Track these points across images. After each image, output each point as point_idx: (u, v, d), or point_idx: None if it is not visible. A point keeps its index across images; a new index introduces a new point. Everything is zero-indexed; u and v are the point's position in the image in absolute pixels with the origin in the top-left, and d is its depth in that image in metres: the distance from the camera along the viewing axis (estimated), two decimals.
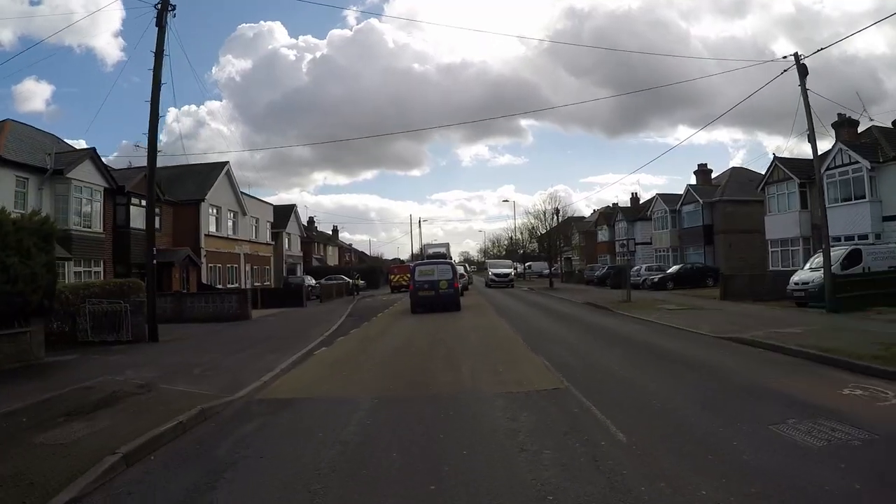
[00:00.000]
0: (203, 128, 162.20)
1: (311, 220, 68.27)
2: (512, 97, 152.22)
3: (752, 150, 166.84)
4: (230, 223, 37.71)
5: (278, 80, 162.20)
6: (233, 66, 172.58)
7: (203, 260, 33.19)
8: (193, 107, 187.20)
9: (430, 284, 24.32)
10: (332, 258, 68.99)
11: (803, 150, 43.08)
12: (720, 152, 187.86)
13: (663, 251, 45.41)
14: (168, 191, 33.81)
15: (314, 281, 40.62)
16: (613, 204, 64.83)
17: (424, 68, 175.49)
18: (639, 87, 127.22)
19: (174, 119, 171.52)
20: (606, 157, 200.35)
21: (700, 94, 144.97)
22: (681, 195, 45.42)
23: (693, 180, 44.99)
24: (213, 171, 35.83)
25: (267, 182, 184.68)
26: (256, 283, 40.57)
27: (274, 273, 44.75)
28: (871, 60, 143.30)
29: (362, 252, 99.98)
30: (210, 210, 34.53)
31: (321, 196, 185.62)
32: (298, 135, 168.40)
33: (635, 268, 39.55)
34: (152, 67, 16.08)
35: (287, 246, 49.91)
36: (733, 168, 44.64)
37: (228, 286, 35.63)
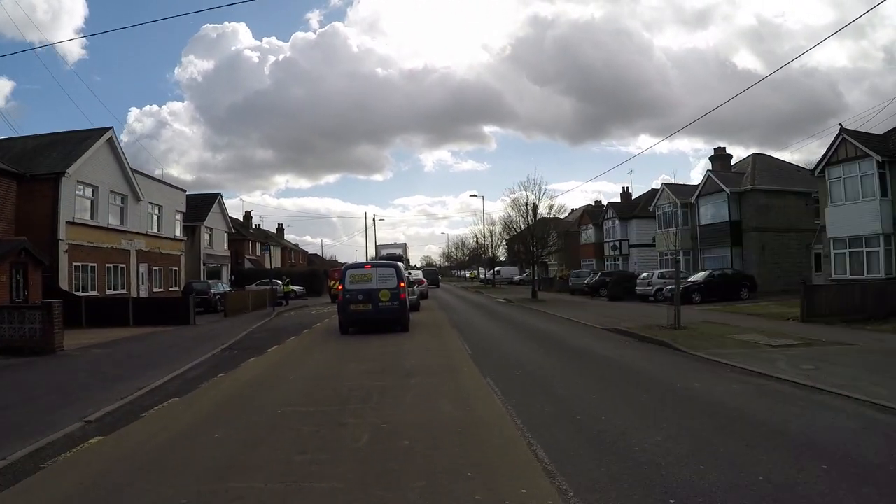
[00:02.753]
0: (164, 128, 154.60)
1: (247, 216, 59.16)
2: (475, 102, 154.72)
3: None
4: (115, 209, 28.51)
5: (241, 82, 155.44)
6: (195, 66, 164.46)
7: (64, 256, 24.02)
8: (155, 107, 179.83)
9: (365, 295, 16.71)
10: (274, 259, 59.65)
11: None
12: (682, 161, 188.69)
13: (671, 255, 37.48)
14: (30, 164, 24.77)
15: (226, 287, 31.54)
16: (596, 201, 57.15)
17: (388, 72, 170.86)
18: (602, 95, 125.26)
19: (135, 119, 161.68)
20: (569, 164, 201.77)
21: (661, 104, 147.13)
22: (695, 186, 37.72)
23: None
24: (87, 139, 26.65)
25: (229, 184, 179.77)
26: (158, 290, 31.42)
27: (186, 276, 35.56)
28: (832, 73, 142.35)
29: (314, 255, 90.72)
30: (78, 189, 25.33)
31: (283, 199, 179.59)
32: (261, 137, 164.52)
33: (644, 275, 31.60)
34: None
35: (208, 243, 40.73)
36: (755, 154, 37.13)
37: (108, 293, 26.52)
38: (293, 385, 9.20)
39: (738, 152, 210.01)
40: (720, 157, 37.11)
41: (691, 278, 29.39)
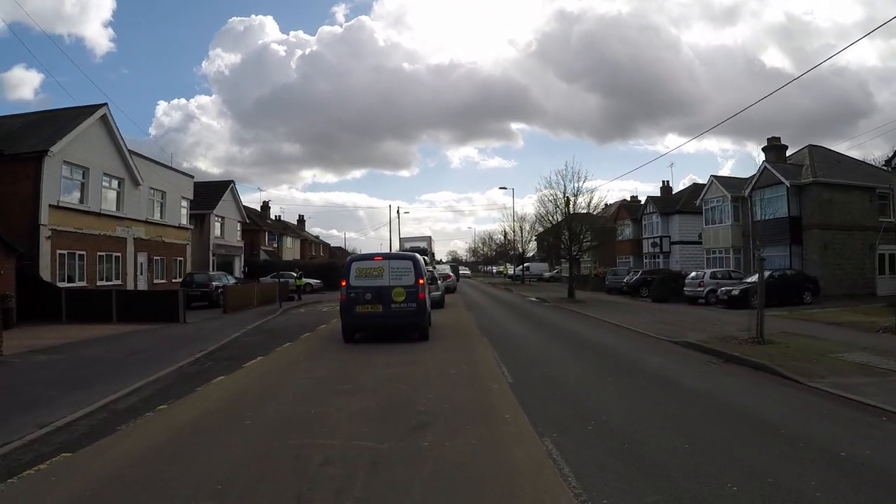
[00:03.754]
0: (192, 122, 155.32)
1: (265, 205, 56.65)
2: (502, 99, 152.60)
3: (741, 160, 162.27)
4: (110, 194, 26.05)
5: (268, 76, 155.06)
6: (222, 59, 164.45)
7: (46, 243, 21.58)
8: (183, 100, 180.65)
9: (375, 294, 13.52)
10: (292, 251, 57.26)
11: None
12: (709, 161, 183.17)
13: (720, 252, 33.94)
14: (14, 143, 22.46)
15: (231, 280, 28.87)
16: (633, 196, 53.48)
17: (414, 67, 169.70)
18: (629, 92, 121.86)
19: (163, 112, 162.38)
20: (596, 164, 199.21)
21: (689, 102, 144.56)
22: (745, 179, 34.11)
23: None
24: (78, 116, 24.16)
25: (255, 178, 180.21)
26: (159, 281, 28.97)
27: (193, 267, 33.10)
28: (862, 72, 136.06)
29: (337, 248, 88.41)
30: (65, 171, 22.85)
31: (310, 193, 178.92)
32: (287, 131, 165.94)
33: (693, 275, 28.19)
34: None
35: (218, 232, 38.27)
36: (811, 146, 33.25)
37: (100, 284, 24.05)
38: (244, 438, 6.09)
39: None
40: (774, 147, 33.28)
41: (749, 279, 25.92)
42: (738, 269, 31.08)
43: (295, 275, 33.28)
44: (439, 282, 30.63)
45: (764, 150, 33.92)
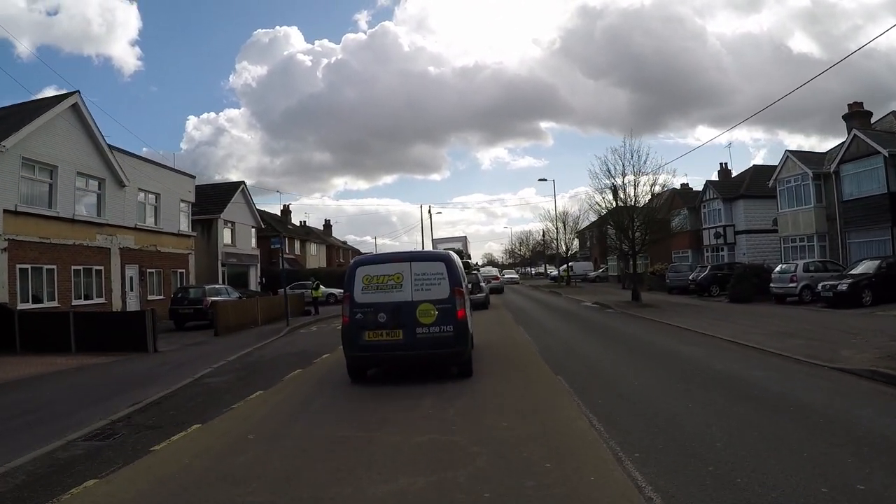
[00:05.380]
0: (223, 135, 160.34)
1: (286, 209, 53.04)
2: (529, 99, 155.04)
3: (773, 149, 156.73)
4: (87, 197, 22.42)
5: (295, 86, 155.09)
6: (249, 72, 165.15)
7: (2, 255, 17.92)
8: (212, 114, 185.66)
9: (391, 314, 9.15)
10: (317, 258, 53.48)
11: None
12: (741, 152, 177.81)
13: (801, 240, 28.82)
14: None
15: (232, 294, 24.84)
16: (682, 185, 48.23)
17: (440, 70, 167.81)
18: (656, 85, 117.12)
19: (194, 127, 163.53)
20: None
21: (717, 92, 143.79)
22: (823, 154, 29.15)
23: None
24: (41, 107, 20.56)
25: (287, 188, 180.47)
26: (155, 298, 25.28)
27: (198, 279, 29.40)
28: (892, 53, 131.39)
29: (368, 253, 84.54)
30: (24, 169, 19.19)
31: (342, 201, 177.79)
32: (317, 140, 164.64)
33: (781, 267, 23.33)
34: None
35: (228, 239, 34.51)
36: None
37: (77, 304, 20.39)
38: None
39: (798, 141, 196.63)
40: (857, 114, 27.94)
41: (855, 270, 20.94)
42: (818, 256, 26.10)
43: (311, 285, 29.16)
44: (483, 284, 26.81)
45: (845, 118, 28.75)
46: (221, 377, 10.97)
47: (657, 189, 26.31)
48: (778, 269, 23.40)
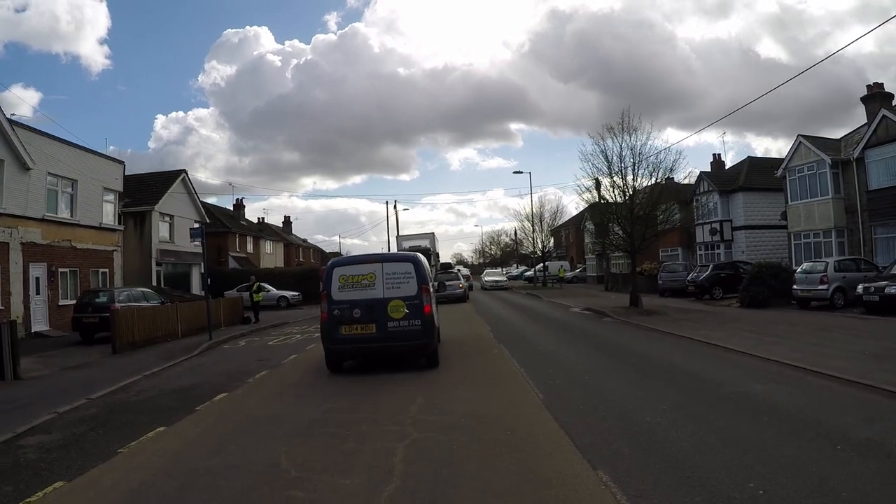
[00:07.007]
0: (191, 134, 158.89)
1: (238, 203, 48.69)
2: (499, 100, 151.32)
3: (741, 150, 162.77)
4: None
5: (264, 86, 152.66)
6: (218, 72, 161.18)
7: None
8: (181, 113, 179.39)
9: (365, 310, 9.96)
10: (273, 258, 49.16)
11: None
12: (708, 154, 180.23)
13: (815, 236, 25.82)
14: None
15: (150, 299, 20.62)
16: (667, 178, 45.28)
17: (409, 72, 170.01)
18: (626, 89, 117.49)
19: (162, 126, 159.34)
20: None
21: (686, 96, 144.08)
22: (838, 141, 26.34)
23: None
24: None
25: (256, 188, 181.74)
26: (68, 302, 21.04)
27: (126, 280, 25.17)
28: (858, 59, 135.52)
29: (334, 253, 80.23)
30: None
31: (311, 200, 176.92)
32: (286, 140, 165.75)
33: (806, 266, 20.27)
34: None
35: (165, 235, 30.21)
36: None
37: None
38: None
39: (766, 144, 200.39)
40: (877, 95, 25.20)
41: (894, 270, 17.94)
42: (836, 254, 23.25)
43: (251, 287, 24.90)
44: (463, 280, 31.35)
45: (863, 100, 25.98)
46: (51, 435, 7.04)
47: (663, 171, 23.12)
48: (802, 268, 20.31)
